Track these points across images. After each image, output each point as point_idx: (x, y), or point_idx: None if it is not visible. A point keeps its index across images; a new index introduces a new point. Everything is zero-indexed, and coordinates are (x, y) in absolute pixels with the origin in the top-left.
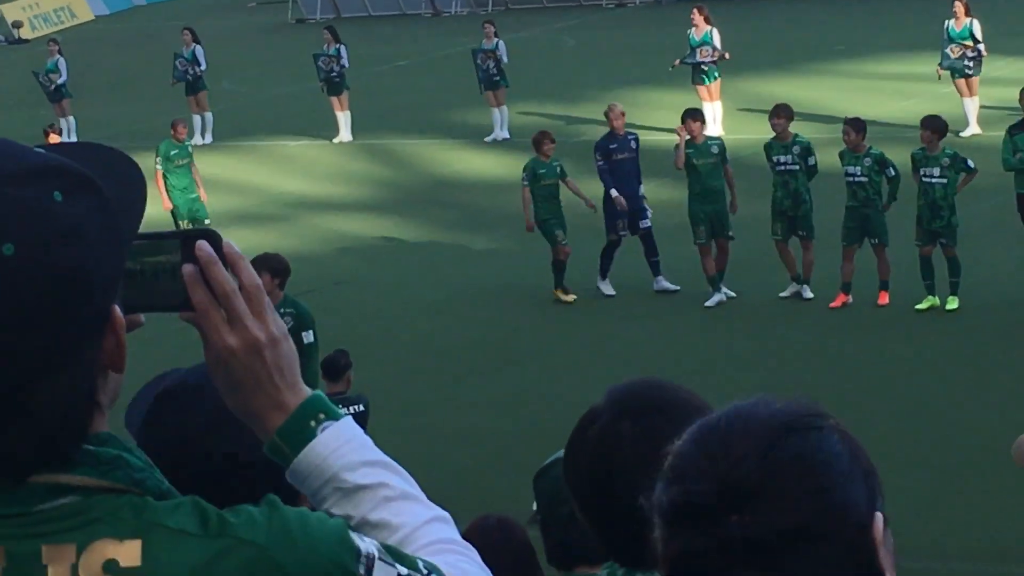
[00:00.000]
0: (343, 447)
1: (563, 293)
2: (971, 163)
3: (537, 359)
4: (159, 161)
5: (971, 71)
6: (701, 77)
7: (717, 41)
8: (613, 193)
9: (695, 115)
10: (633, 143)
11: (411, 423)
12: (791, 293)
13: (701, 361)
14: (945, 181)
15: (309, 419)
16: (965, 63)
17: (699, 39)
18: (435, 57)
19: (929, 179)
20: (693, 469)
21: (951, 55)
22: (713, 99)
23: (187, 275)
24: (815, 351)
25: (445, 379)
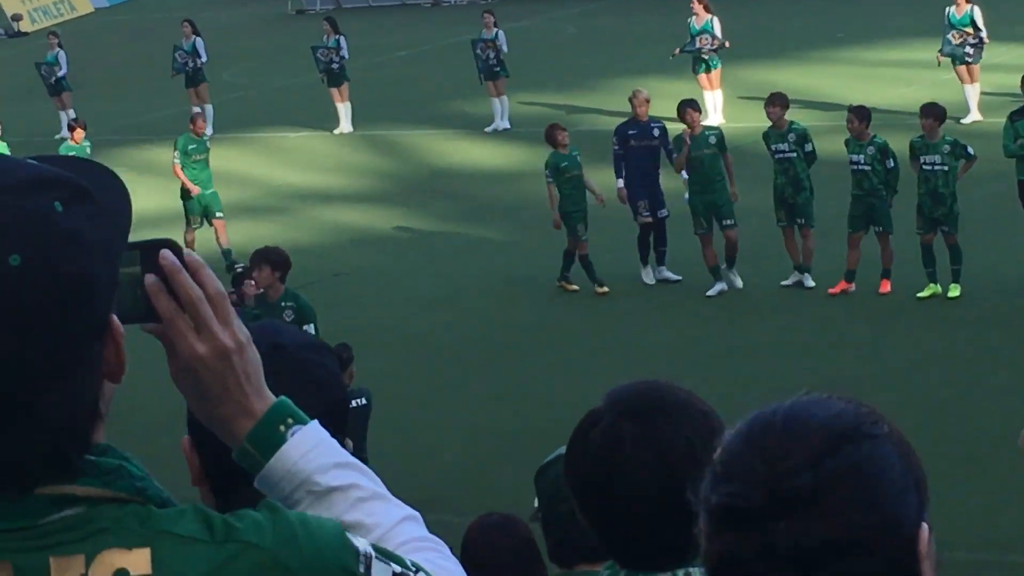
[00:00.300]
0: (313, 451)
1: (567, 283)
2: (971, 150)
3: (539, 352)
4: (177, 155)
5: (971, 58)
6: (701, 65)
7: (717, 29)
8: (619, 184)
9: (693, 105)
10: (656, 131)
11: (413, 416)
12: (793, 282)
13: (703, 351)
14: (946, 168)
15: (278, 424)
16: (966, 50)
17: (699, 27)
18: (435, 47)
19: (930, 167)
20: (745, 470)
21: (952, 41)
22: (714, 87)
23: (150, 286)
24: (817, 340)
25: (447, 372)
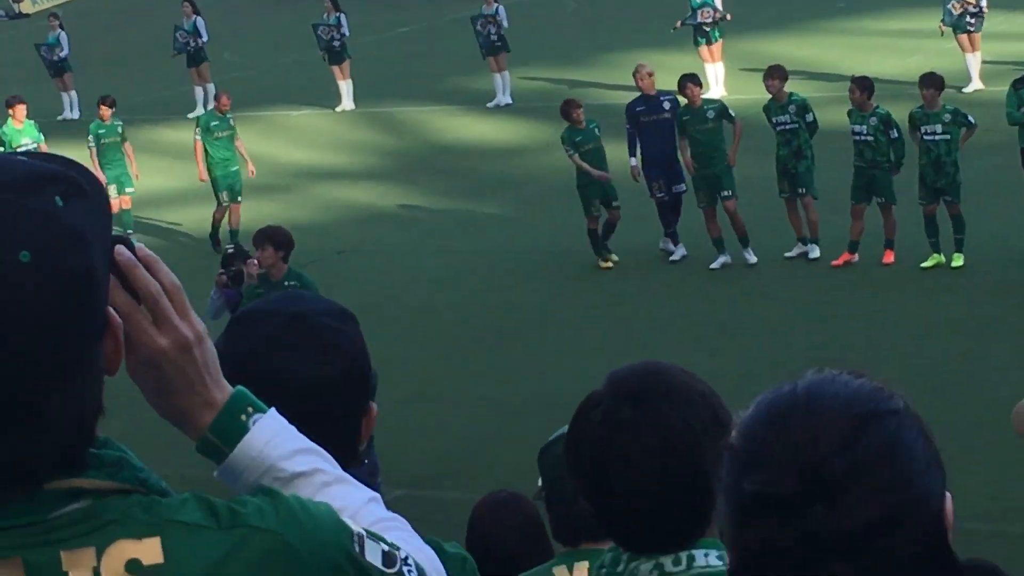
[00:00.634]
0: (275, 438)
1: (602, 260)
2: (972, 118)
3: (544, 328)
4: (198, 132)
5: (973, 27)
6: (702, 38)
7: (718, 2)
8: (631, 162)
9: (693, 79)
10: (666, 103)
11: (418, 392)
12: (797, 253)
13: (708, 324)
14: (948, 138)
15: (239, 413)
16: (967, 19)
17: (700, 0)
18: (436, 23)
19: (931, 137)
20: (774, 456)
21: (953, 11)
22: (715, 60)
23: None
24: (821, 311)
25: (452, 348)
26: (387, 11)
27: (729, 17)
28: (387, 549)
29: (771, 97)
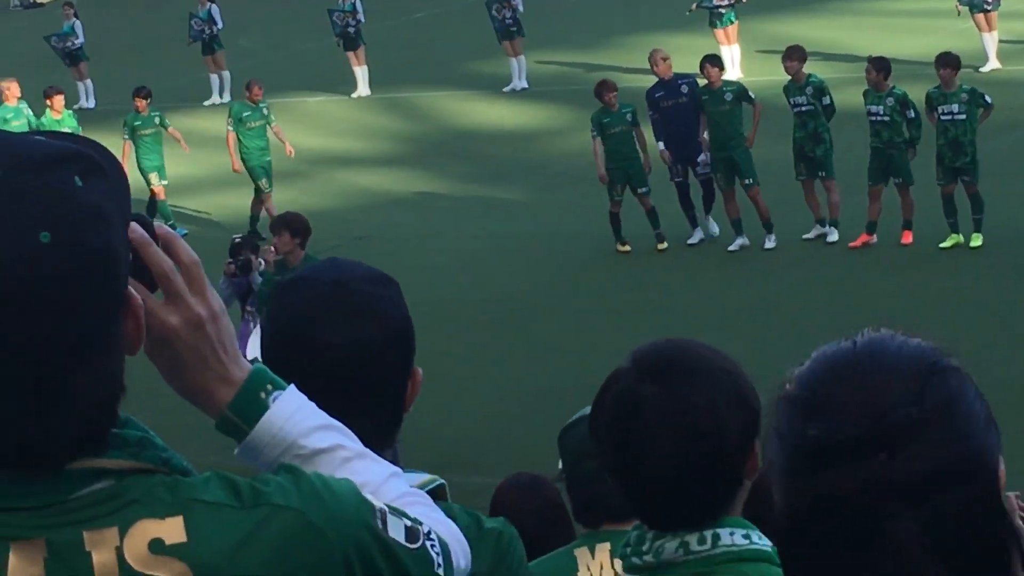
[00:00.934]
0: (296, 414)
1: (620, 244)
2: (988, 98)
3: (563, 311)
4: (231, 122)
5: (990, 6)
6: (718, 20)
7: None
8: (660, 147)
9: (712, 60)
10: (684, 87)
11: (437, 377)
12: (815, 235)
13: (726, 306)
14: (964, 117)
15: (259, 391)
16: None
17: None
18: (451, 8)
19: (949, 116)
20: (837, 404)
21: None
22: (730, 42)
23: None
24: (839, 292)
25: (471, 332)
26: None
27: None
28: (410, 524)
29: (790, 78)
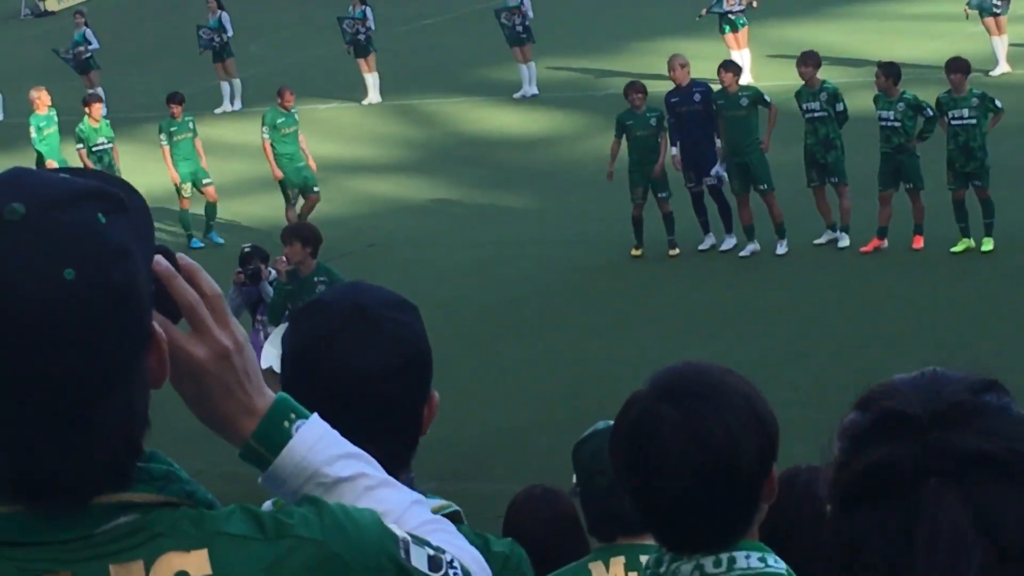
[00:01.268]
0: (318, 443)
1: (634, 248)
2: (999, 102)
3: (573, 317)
4: (266, 130)
5: (999, 9)
6: (728, 25)
7: None
8: (673, 151)
9: (726, 66)
10: (697, 95)
11: (448, 384)
12: (826, 240)
13: (738, 312)
14: (975, 122)
15: (282, 420)
16: (994, 2)
17: None
18: (461, 15)
19: (959, 121)
20: (906, 391)
21: None
22: (741, 47)
23: None
24: (851, 297)
25: (482, 339)
26: (412, 3)
27: (755, 4)
28: (432, 553)
29: (803, 83)
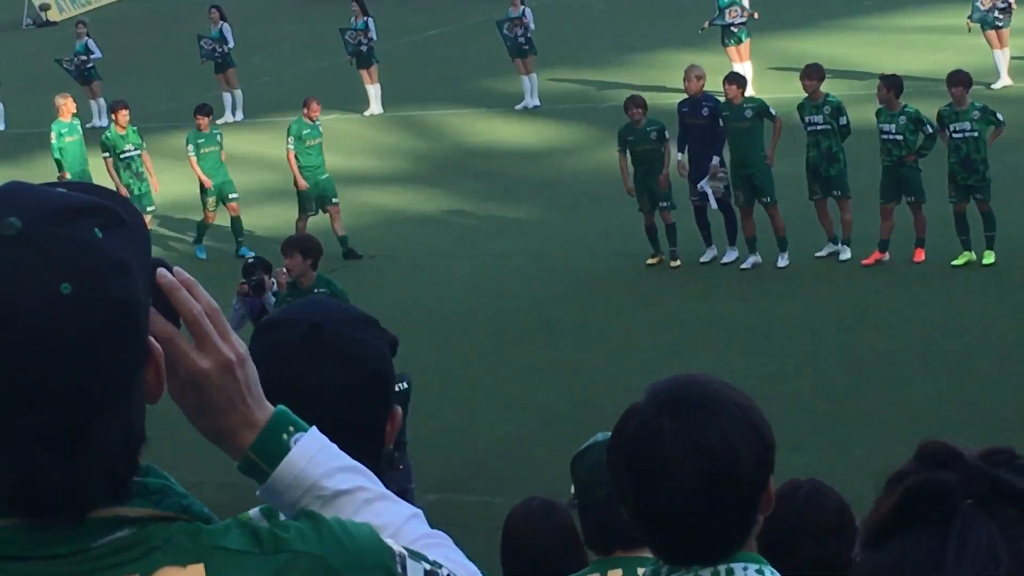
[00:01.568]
0: (317, 456)
1: (652, 258)
2: (1000, 116)
3: (575, 329)
4: (291, 141)
5: (1001, 22)
6: (730, 38)
7: (746, 1)
8: (678, 157)
9: (732, 78)
10: (706, 109)
11: (452, 395)
12: (827, 253)
13: (738, 324)
14: (977, 135)
15: (281, 433)
16: (995, 15)
17: (728, 0)
18: (463, 26)
19: (961, 134)
20: (952, 442)
21: (981, 7)
22: (743, 60)
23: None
24: (852, 310)
25: (484, 351)
26: (414, 15)
27: (757, 16)
28: (429, 568)
29: (806, 96)
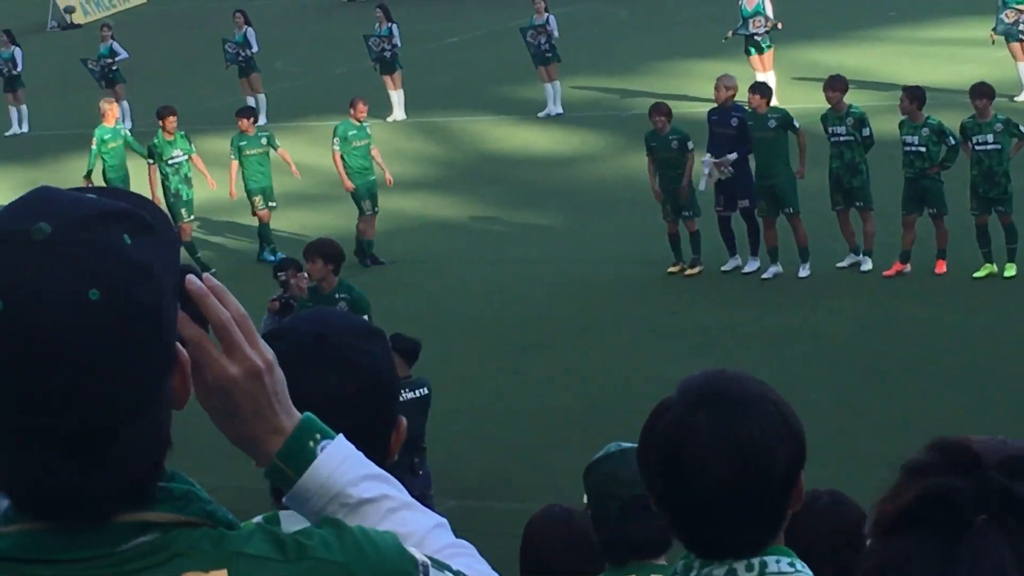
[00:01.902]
0: (343, 464)
1: (673, 266)
2: (1023, 128)
3: (595, 336)
4: (337, 142)
5: None
6: (753, 48)
7: (769, 11)
8: (706, 158)
9: (756, 88)
10: (735, 120)
11: (470, 400)
12: (849, 264)
13: (759, 333)
14: (999, 147)
15: (308, 440)
16: (1019, 27)
17: (751, 9)
18: (487, 33)
19: (983, 147)
20: (974, 439)
21: (1005, 20)
22: (766, 69)
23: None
24: (873, 320)
25: (504, 357)
26: (438, 21)
27: (780, 26)
28: None
29: (830, 107)
